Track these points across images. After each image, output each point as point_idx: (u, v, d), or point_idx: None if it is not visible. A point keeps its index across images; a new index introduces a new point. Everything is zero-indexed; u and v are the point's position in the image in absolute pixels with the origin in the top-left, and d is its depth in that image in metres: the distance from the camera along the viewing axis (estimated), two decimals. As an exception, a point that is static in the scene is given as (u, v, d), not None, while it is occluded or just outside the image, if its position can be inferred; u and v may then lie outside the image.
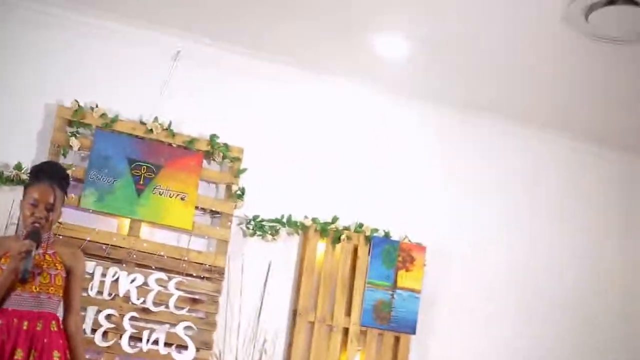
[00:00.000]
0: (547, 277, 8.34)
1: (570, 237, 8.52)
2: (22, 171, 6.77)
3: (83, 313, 6.42)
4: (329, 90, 7.92)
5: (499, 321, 8.11)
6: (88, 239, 6.77)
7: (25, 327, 4.37)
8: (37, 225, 4.46)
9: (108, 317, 6.75)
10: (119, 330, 6.78)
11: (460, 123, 8.29)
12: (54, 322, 4.49)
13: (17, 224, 6.48)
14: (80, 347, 4.53)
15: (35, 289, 4.46)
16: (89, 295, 6.67)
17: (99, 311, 6.71)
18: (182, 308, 6.98)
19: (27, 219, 4.54)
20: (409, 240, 7.83)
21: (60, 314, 4.65)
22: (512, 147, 8.47)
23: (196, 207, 7.20)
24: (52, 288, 4.50)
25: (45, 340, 4.41)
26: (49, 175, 4.62)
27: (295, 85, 7.80)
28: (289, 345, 7.38)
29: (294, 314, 7.41)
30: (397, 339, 7.67)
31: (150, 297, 6.90)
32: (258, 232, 7.42)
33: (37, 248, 4.38)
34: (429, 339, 7.84)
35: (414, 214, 8.00)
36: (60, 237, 6.07)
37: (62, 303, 4.64)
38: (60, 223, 6.26)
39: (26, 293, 4.43)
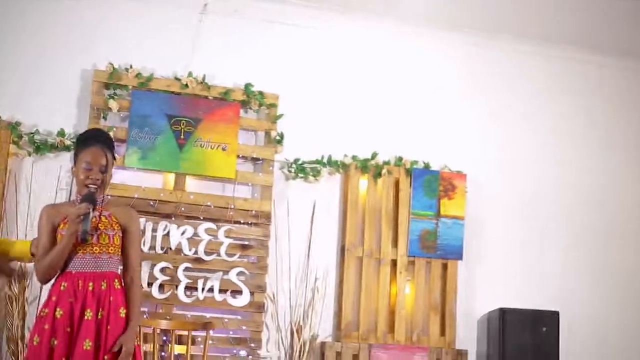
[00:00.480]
0: (587, 199, 8.43)
1: (612, 163, 8.56)
2: (66, 137, 6.99)
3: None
4: (359, 30, 8.01)
5: (542, 243, 8.23)
6: (136, 196, 6.98)
7: (90, 288, 4.49)
8: (91, 188, 4.60)
9: (162, 270, 6.99)
10: (174, 281, 7.03)
11: (493, 50, 8.32)
12: (116, 280, 4.60)
13: (69, 190, 6.73)
14: (134, 299, 4.65)
15: (96, 250, 4.55)
16: (142, 250, 6.90)
17: (153, 265, 6.95)
18: (233, 255, 7.21)
19: (82, 183, 4.61)
20: (449, 169, 7.96)
21: (120, 272, 4.82)
22: (549, 72, 8.50)
23: (238, 156, 7.39)
24: (111, 248, 4.59)
25: (111, 299, 4.52)
26: (98, 139, 4.74)
27: (325, 27, 7.89)
28: (340, 281, 7.58)
29: (342, 250, 7.59)
30: (444, 266, 7.83)
31: (201, 247, 7.12)
32: (300, 175, 7.58)
33: (93, 210, 4.52)
34: (476, 264, 7.99)
35: (451, 143, 8.11)
36: (110, 197, 6.28)
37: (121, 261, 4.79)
38: (108, 184, 6.49)
39: (88, 255, 4.53)
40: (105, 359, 4.42)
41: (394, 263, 7.70)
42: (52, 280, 4.61)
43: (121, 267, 4.76)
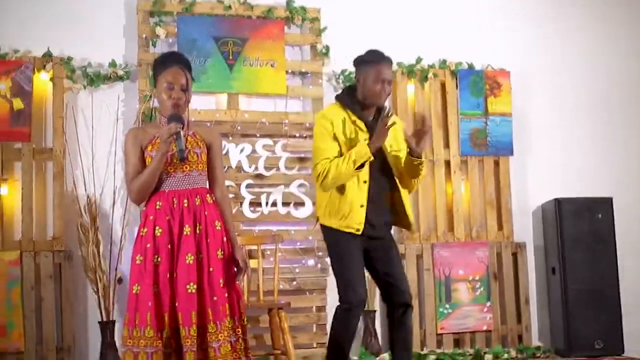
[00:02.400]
0: (635, 88, 8.57)
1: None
2: (117, 68, 7.16)
3: (202, 189, 6.90)
4: None
5: (590, 133, 8.40)
6: (192, 119, 7.13)
7: (185, 205, 4.58)
8: (176, 107, 4.66)
9: (226, 188, 7.17)
10: (238, 198, 7.23)
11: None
12: (208, 195, 4.70)
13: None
14: (228, 210, 4.81)
15: (186, 168, 4.62)
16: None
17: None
18: (292, 168, 7.41)
19: (165, 103, 4.65)
20: (492, 68, 8.08)
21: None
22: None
23: (286, 72, 7.53)
24: (200, 165, 4.67)
25: (206, 213, 4.62)
26: (176, 59, 4.81)
27: None
28: (397, 185, 7.76)
29: (396, 155, 7.77)
30: (496, 163, 8.03)
31: (260, 163, 7.32)
32: (348, 84, 7.70)
33: (182, 129, 4.57)
34: (526, 159, 8.18)
35: (493, 42, 8.20)
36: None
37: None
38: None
39: (179, 173, 4.61)
40: (211, 270, 4.56)
41: (447, 164, 7.89)
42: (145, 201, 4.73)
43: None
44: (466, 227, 7.85)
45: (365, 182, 5.09)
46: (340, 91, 5.59)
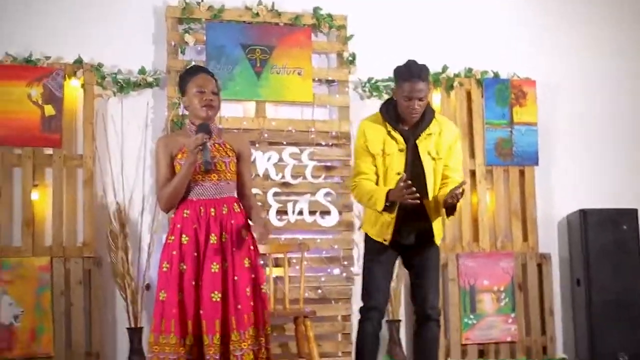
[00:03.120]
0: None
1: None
2: (146, 74, 7.29)
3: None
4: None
5: (614, 143, 8.47)
6: (220, 126, 7.25)
7: (212, 214, 4.73)
8: (210, 108, 4.81)
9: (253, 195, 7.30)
10: (264, 206, 7.33)
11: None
12: (235, 204, 4.84)
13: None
14: (256, 205, 5.00)
15: (214, 177, 4.76)
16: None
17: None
18: (319, 176, 7.52)
19: (197, 107, 4.79)
20: (518, 77, 8.18)
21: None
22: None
23: (313, 79, 7.64)
24: (228, 174, 4.81)
25: (232, 222, 4.77)
26: (203, 69, 4.98)
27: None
28: (422, 195, 7.87)
29: (422, 164, 7.87)
30: (521, 173, 8.11)
31: (287, 171, 7.44)
32: (374, 93, 7.84)
33: (209, 139, 4.73)
34: (551, 169, 8.25)
35: (518, 51, 8.29)
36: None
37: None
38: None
39: (207, 182, 4.75)
40: (235, 279, 4.70)
41: (472, 173, 7.98)
42: (173, 209, 4.88)
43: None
44: (491, 237, 7.93)
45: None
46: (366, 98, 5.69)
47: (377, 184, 5.27)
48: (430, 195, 5.25)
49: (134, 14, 7.43)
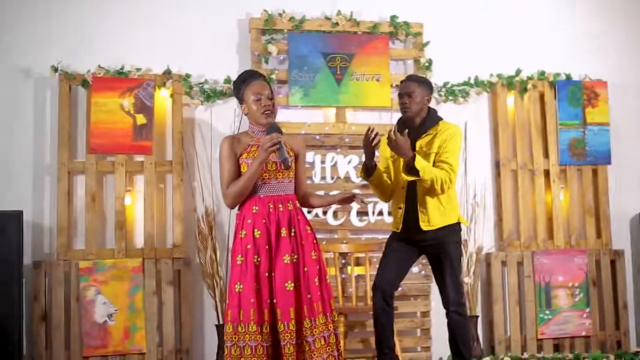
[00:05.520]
0: None
1: None
2: (232, 84, 7.04)
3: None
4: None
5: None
6: (302, 132, 7.02)
7: (281, 209, 4.62)
8: (269, 115, 4.63)
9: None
10: (346, 208, 7.07)
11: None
12: (297, 201, 4.75)
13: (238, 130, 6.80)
14: (313, 194, 5.02)
15: (279, 175, 4.65)
16: (313, 182, 6.99)
17: (325, 194, 6.97)
18: (397, 179, 7.20)
19: (256, 113, 4.66)
20: (590, 78, 7.75)
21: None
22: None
23: (391, 85, 7.33)
24: (291, 173, 4.71)
25: (298, 217, 4.68)
26: (257, 74, 4.81)
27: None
28: (497, 194, 7.51)
29: (497, 165, 7.52)
30: (594, 172, 7.69)
31: (367, 174, 7.14)
32: (450, 97, 7.50)
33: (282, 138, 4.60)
34: (623, 168, 7.80)
35: (589, 53, 7.85)
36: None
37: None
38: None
39: (273, 180, 4.64)
40: (305, 270, 4.59)
41: (546, 173, 7.59)
42: (238, 205, 4.72)
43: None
44: (565, 235, 7.54)
45: (403, 187, 5.46)
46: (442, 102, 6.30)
47: (391, 182, 5.59)
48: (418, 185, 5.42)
49: (218, 26, 7.22)
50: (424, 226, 5.40)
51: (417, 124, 5.52)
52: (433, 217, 5.40)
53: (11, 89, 6.85)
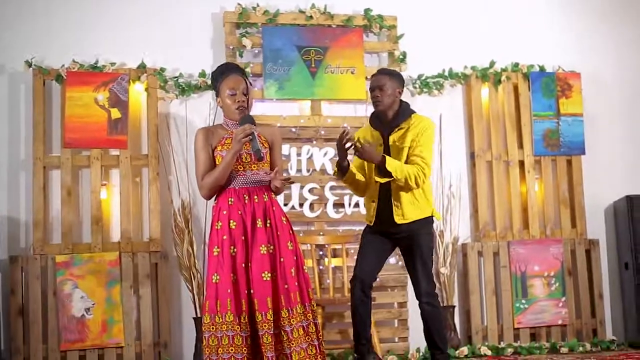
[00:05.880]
0: None
1: None
2: (206, 77, 7.05)
3: (287, 192, 6.79)
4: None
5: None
6: (278, 125, 7.02)
7: (256, 200, 4.62)
8: (242, 111, 4.63)
9: (311, 190, 7.05)
10: (322, 200, 7.07)
11: None
12: (271, 192, 4.72)
13: (213, 123, 6.78)
14: None
15: (254, 167, 4.65)
16: (289, 174, 6.98)
17: (302, 187, 7.01)
18: (373, 170, 7.21)
19: (230, 107, 4.67)
20: (563, 70, 7.79)
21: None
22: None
23: (365, 78, 7.29)
24: (266, 164, 4.71)
25: (273, 208, 4.67)
26: (234, 68, 4.82)
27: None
28: (472, 185, 7.54)
29: (472, 156, 7.54)
30: (569, 162, 7.73)
31: (343, 166, 7.14)
32: (424, 90, 7.52)
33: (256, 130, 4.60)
34: (598, 158, 7.83)
35: (563, 44, 7.91)
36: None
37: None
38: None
39: (248, 171, 4.64)
40: (282, 260, 4.58)
41: (521, 164, 7.62)
42: (214, 197, 4.74)
43: None
44: (541, 225, 7.57)
45: (376, 182, 5.39)
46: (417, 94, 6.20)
47: (366, 178, 5.55)
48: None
49: (193, 20, 7.22)
50: (398, 219, 5.39)
51: (389, 117, 5.52)
52: (407, 210, 5.40)
53: (-15, 84, 6.82)
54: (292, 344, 4.51)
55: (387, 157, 5.24)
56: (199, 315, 6.68)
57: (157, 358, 6.70)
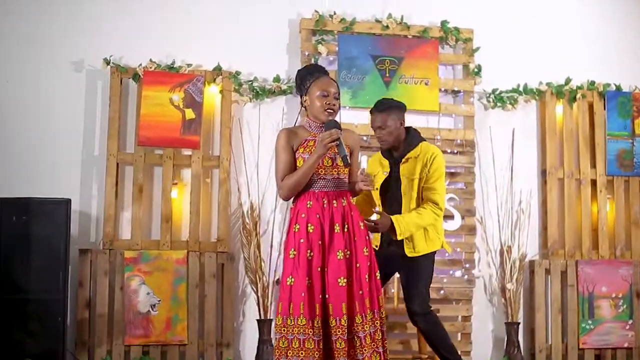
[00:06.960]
0: None
1: None
2: (280, 82, 7.06)
3: (355, 198, 6.75)
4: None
5: None
6: (342, 129, 6.98)
7: (335, 205, 4.54)
8: (331, 114, 4.53)
9: (379, 199, 7.00)
10: (391, 209, 7.02)
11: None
12: (350, 197, 4.66)
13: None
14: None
15: (335, 172, 4.57)
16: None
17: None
18: (443, 182, 7.14)
19: (319, 109, 4.56)
20: (640, 90, 7.68)
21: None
22: None
23: (439, 89, 7.28)
24: (346, 169, 4.62)
25: (352, 214, 4.59)
26: (325, 71, 4.74)
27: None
28: (543, 202, 7.41)
29: (543, 173, 7.42)
30: (642, 184, 7.58)
31: (416, 177, 7.08)
32: (498, 104, 7.43)
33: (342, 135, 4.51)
34: (672, 181, 7.67)
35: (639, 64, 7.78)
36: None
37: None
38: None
39: (329, 176, 4.56)
40: (357, 266, 4.51)
41: (593, 183, 7.48)
42: (293, 199, 4.67)
43: None
44: (610, 245, 7.42)
45: (379, 205, 5.38)
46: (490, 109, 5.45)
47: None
48: (403, 211, 5.25)
49: (270, 26, 7.23)
50: (409, 252, 5.25)
51: (398, 147, 5.40)
52: (418, 244, 5.28)
53: (64, 80, 6.90)
54: (365, 350, 4.44)
55: (398, 224, 5.07)
56: (262, 317, 6.67)
57: (219, 358, 6.69)
